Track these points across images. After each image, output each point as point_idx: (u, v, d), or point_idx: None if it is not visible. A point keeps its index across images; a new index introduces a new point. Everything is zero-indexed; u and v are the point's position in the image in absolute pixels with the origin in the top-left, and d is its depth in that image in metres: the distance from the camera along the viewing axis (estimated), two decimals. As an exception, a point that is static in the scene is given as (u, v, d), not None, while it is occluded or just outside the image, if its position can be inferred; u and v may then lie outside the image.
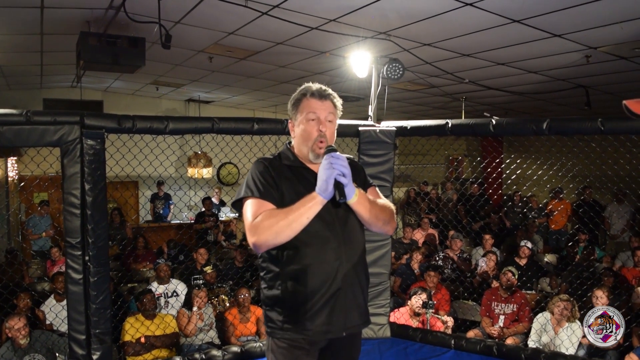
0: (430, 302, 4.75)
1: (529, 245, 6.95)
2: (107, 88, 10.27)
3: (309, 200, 1.95)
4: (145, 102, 11.11)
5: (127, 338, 4.79)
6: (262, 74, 7.82)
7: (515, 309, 5.40)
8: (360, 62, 4.96)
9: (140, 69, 5.62)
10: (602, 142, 5.30)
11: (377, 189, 2.43)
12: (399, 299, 6.24)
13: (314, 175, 2.08)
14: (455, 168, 12.72)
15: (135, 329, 4.80)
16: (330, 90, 2.19)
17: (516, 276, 5.57)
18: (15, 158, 9.25)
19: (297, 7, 4.66)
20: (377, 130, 4.43)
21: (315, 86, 2.19)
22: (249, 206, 2.08)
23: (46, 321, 5.22)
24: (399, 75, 4.92)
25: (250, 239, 1.99)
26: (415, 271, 6.98)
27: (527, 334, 5.14)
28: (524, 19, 4.71)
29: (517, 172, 6.59)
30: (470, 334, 5.37)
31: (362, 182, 2.32)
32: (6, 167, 9.14)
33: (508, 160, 9.86)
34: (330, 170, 1.91)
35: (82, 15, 5.09)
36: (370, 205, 2.14)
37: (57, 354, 4.38)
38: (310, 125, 2.12)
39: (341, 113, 2.24)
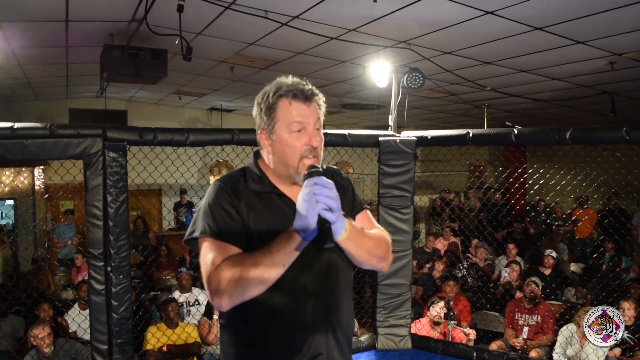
0: (451, 313, 4.70)
1: (554, 254, 6.83)
2: (131, 98, 10.43)
3: (285, 243, 1.46)
4: (168, 111, 11.25)
5: (149, 347, 4.83)
6: (283, 83, 7.84)
7: (539, 321, 5.30)
8: (380, 72, 4.95)
9: (163, 79, 5.70)
10: (628, 152, 5.18)
11: (369, 212, 1.94)
12: (421, 309, 6.18)
13: (291, 205, 1.62)
14: (477, 176, 12.58)
15: (156, 338, 4.84)
16: (312, 86, 1.67)
17: (540, 287, 5.48)
18: (42, 168, 9.43)
19: (317, 17, 4.68)
20: (398, 141, 4.40)
21: (293, 82, 1.65)
22: (206, 250, 1.59)
23: (70, 329, 5.30)
24: (419, 84, 4.90)
25: (210, 296, 1.52)
26: (437, 281, 6.92)
27: (551, 347, 5.04)
28: (546, 27, 4.65)
29: (541, 182, 6.50)
30: (493, 345, 5.29)
31: (350, 203, 1.84)
32: (33, 177, 9.32)
33: (531, 170, 9.73)
34: (312, 203, 1.39)
35: (106, 28, 5.18)
36: (362, 240, 1.65)
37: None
38: (294, 138, 1.61)
39: (325, 113, 1.72)
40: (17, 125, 3.21)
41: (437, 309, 4.93)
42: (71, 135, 3.36)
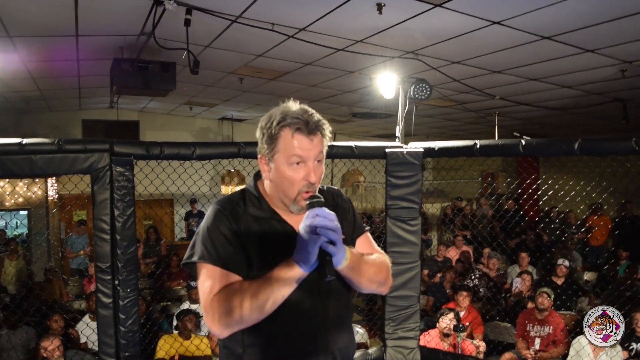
0: (461, 325, 4.65)
1: (566, 264, 6.75)
2: (143, 108, 10.54)
3: (284, 273, 1.45)
4: (180, 121, 11.34)
5: (161, 355, 4.86)
6: (293, 93, 7.82)
7: (551, 332, 5.24)
8: (387, 83, 4.94)
9: (173, 91, 5.75)
10: (638, 162, 5.12)
11: (369, 235, 1.93)
12: (432, 320, 6.14)
13: (290, 232, 1.62)
14: (490, 183, 12.49)
15: (169, 344, 4.88)
16: (318, 116, 1.62)
17: (552, 297, 5.41)
18: (55, 178, 9.54)
19: (323, 29, 4.69)
20: (405, 152, 4.38)
21: (298, 113, 1.59)
22: (205, 276, 1.58)
23: (81, 340, 5.34)
24: (426, 95, 4.88)
25: (208, 324, 1.54)
26: (448, 291, 6.87)
27: (564, 358, 4.98)
28: (554, 36, 4.62)
29: (555, 188, 6.43)
30: (506, 356, 5.23)
31: (350, 226, 1.83)
32: (46, 187, 9.43)
33: (545, 176, 9.63)
34: (314, 235, 1.40)
35: (115, 42, 5.24)
36: (363, 268, 1.65)
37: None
38: (293, 170, 1.58)
39: (330, 141, 1.69)
40: (25, 141, 3.24)
41: (447, 321, 4.89)
42: (79, 150, 3.39)
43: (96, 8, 4.22)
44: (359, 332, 5.60)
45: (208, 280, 1.56)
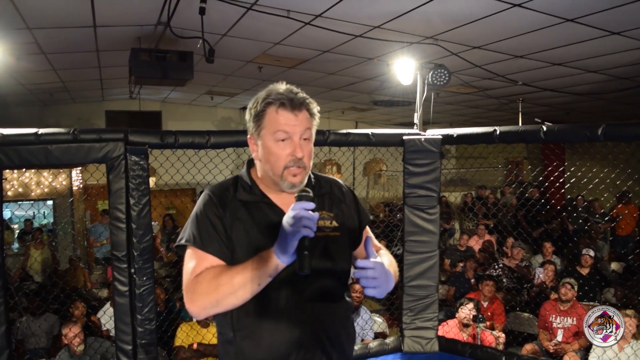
0: (480, 316, 4.58)
1: (591, 253, 6.59)
2: (165, 99, 10.60)
3: (262, 263, 1.46)
4: (202, 111, 11.38)
5: (179, 343, 4.91)
6: (312, 81, 7.82)
7: (574, 323, 5.13)
8: (404, 69, 4.85)
9: (192, 80, 5.75)
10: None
11: (369, 230, 1.95)
12: (452, 310, 6.07)
13: (280, 215, 1.58)
14: (514, 172, 12.26)
15: (185, 332, 4.92)
16: (304, 94, 1.65)
17: (576, 288, 5.29)
18: (80, 168, 9.69)
19: (340, 15, 4.62)
20: (423, 139, 4.31)
21: (283, 90, 1.63)
22: (189, 258, 1.63)
23: (103, 327, 5.42)
24: (444, 81, 4.79)
25: (186, 304, 1.56)
26: (471, 280, 6.79)
27: (587, 350, 4.87)
28: (577, 18, 4.47)
29: (578, 175, 6.28)
30: (527, 348, 5.14)
31: (349, 216, 1.83)
32: (71, 177, 9.58)
33: (567, 164, 9.41)
34: (295, 228, 1.39)
35: (133, 32, 5.25)
36: (395, 271, 1.70)
37: (111, 360, 4.53)
38: (279, 147, 1.60)
39: (318, 122, 1.71)
40: (41, 131, 3.27)
41: (466, 311, 4.82)
42: (93, 139, 3.41)
43: (112, -1, 4.23)
44: (378, 322, 5.57)
45: (191, 261, 1.61)
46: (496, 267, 7.06)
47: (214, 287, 1.49)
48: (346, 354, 1.80)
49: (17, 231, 9.43)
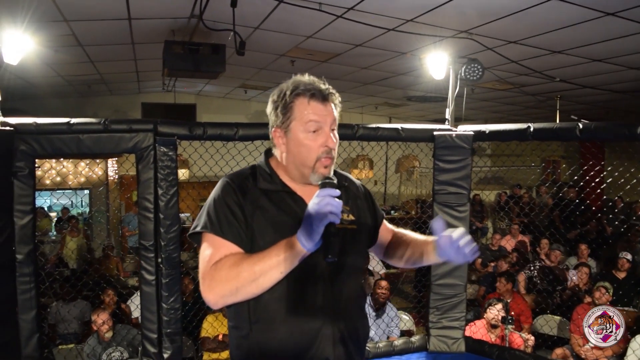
0: (509, 317, 4.48)
1: (629, 257, 6.38)
2: (200, 92, 10.72)
3: (285, 249, 1.41)
4: (236, 104, 11.47)
5: (204, 334, 4.96)
6: (345, 75, 7.78)
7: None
8: (437, 63, 4.75)
9: (225, 73, 5.77)
10: None
11: (386, 222, 1.96)
12: (482, 309, 5.96)
13: (301, 204, 1.59)
14: (551, 171, 11.95)
15: (210, 324, 4.96)
16: (329, 86, 1.63)
17: (610, 292, 5.12)
18: (116, 159, 9.89)
19: (372, 8, 4.57)
20: (454, 135, 4.23)
21: (310, 81, 1.62)
22: (206, 245, 1.57)
23: (132, 315, 5.51)
24: (478, 76, 4.68)
25: (203, 292, 1.50)
26: (501, 280, 6.65)
27: (622, 357, 4.71)
28: (619, 12, 4.30)
29: (617, 174, 6.06)
30: (557, 352, 5.00)
31: (369, 211, 1.84)
32: (107, 168, 9.79)
33: (605, 164, 9.11)
34: (321, 214, 1.35)
35: (167, 25, 5.31)
36: None
37: (138, 348, 4.61)
38: (310, 138, 1.58)
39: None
40: (73, 120, 3.34)
41: (494, 311, 4.71)
42: (124, 130, 3.46)
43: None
44: (404, 319, 5.52)
45: (209, 249, 1.56)
46: (531, 267, 6.90)
47: (234, 274, 1.44)
48: (362, 348, 1.76)
49: (55, 219, 9.71)
